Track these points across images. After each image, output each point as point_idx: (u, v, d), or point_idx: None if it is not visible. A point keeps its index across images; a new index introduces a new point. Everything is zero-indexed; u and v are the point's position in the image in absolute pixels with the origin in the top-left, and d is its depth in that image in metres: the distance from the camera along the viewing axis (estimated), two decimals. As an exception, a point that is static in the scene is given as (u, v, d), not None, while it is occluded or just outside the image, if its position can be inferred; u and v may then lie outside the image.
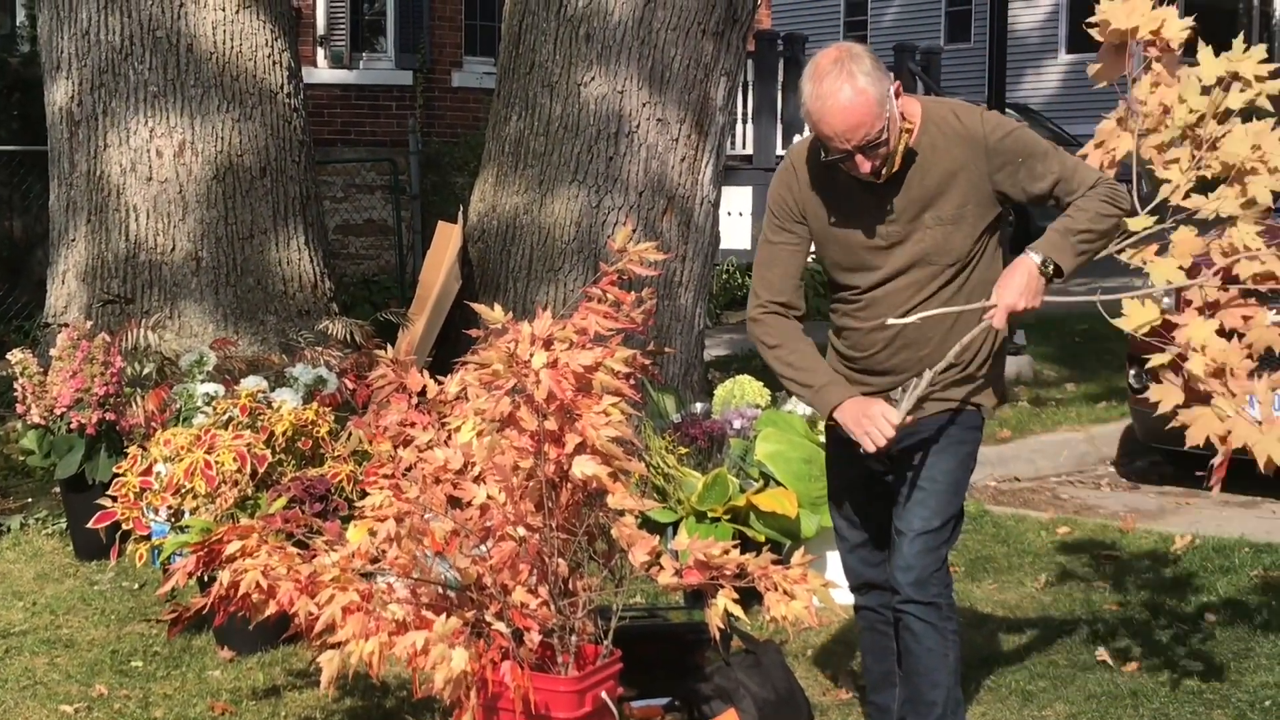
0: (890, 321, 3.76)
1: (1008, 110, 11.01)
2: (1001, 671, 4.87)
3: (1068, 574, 6.01)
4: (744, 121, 15.69)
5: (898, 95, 3.68)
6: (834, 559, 5.43)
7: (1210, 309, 3.95)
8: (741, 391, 6.39)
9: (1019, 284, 3.67)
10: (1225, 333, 3.96)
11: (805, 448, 5.71)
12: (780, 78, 15.33)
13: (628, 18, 7.19)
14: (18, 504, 6.95)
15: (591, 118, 7.23)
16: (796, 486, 5.56)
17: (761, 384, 6.49)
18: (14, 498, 7.05)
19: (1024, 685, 4.75)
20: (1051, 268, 3.68)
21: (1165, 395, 3.95)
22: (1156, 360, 3.99)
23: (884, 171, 3.71)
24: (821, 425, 5.90)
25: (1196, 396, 3.90)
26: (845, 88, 3.58)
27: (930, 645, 3.86)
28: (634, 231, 4.07)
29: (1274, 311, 4.10)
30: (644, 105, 7.23)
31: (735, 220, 14.89)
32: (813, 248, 3.97)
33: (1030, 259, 3.68)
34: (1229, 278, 3.99)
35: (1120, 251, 4.10)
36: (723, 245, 9.19)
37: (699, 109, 7.38)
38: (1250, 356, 3.87)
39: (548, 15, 7.33)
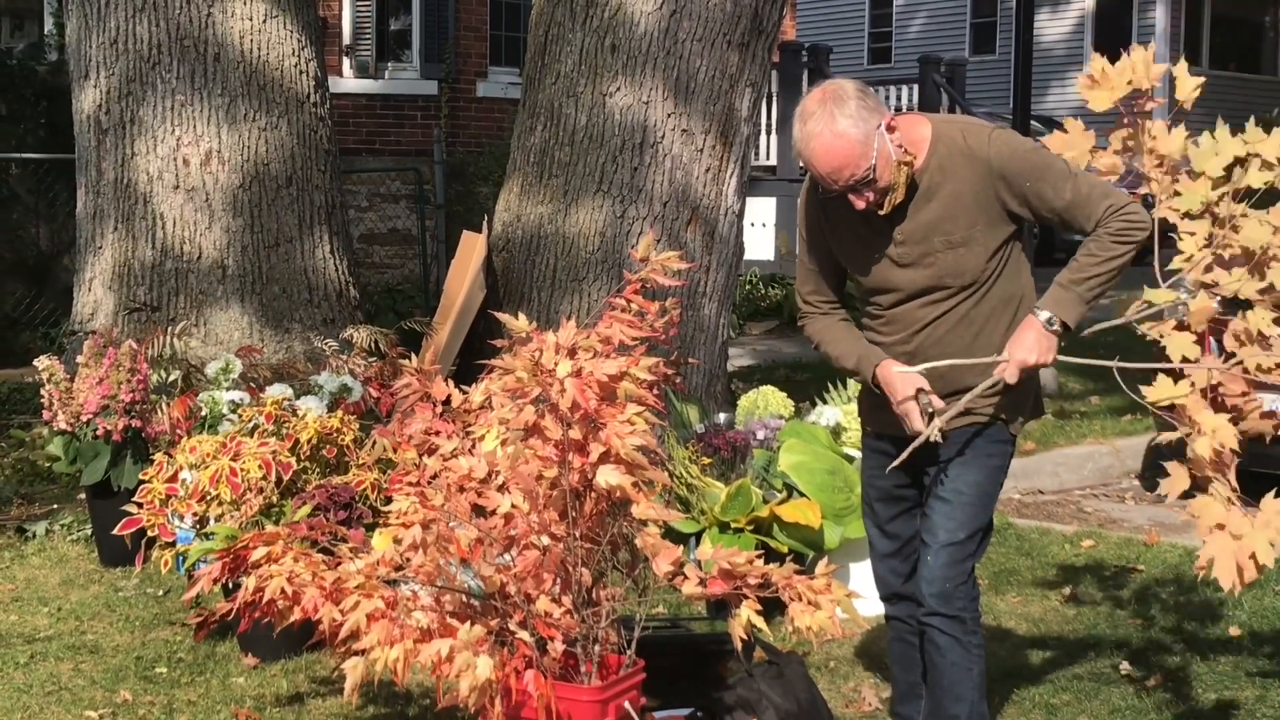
0: (922, 367, 3.78)
1: (1032, 123, 10.97)
2: (1025, 685, 4.86)
3: (1092, 587, 5.99)
4: (768, 133, 15.71)
5: (891, 130, 3.68)
6: (857, 570, 5.44)
7: (1213, 390, 3.87)
8: (765, 402, 6.39)
9: (1028, 342, 3.71)
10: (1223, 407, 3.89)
11: (829, 459, 5.70)
12: (804, 89, 15.32)
13: (653, 29, 7.20)
14: (44, 510, 6.98)
15: (616, 128, 7.24)
16: (820, 497, 5.55)
17: (785, 395, 6.49)
18: (40, 504, 7.09)
19: (1048, 699, 4.74)
20: (1058, 325, 3.70)
21: (1174, 482, 3.87)
22: (1166, 437, 3.93)
23: (886, 203, 3.72)
24: (845, 436, 5.92)
25: (1197, 483, 3.84)
26: (826, 131, 3.62)
27: (954, 659, 3.86)
28: (657, 241, 4.09)
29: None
30: (669, 116, 7.24)
31: (759, 231, 14.89)
32: None
33: (1037, 318, 3.71)
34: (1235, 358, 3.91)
35: (1140, 322, 4.04)
36: (746, 256, 9.19)
37: (724, 120, 7.38)
38: (1241, 441, 3.81)
39: (573, 26, 7.35)
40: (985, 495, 3.89)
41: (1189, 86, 4.10)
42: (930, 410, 3.75)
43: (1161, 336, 3.90)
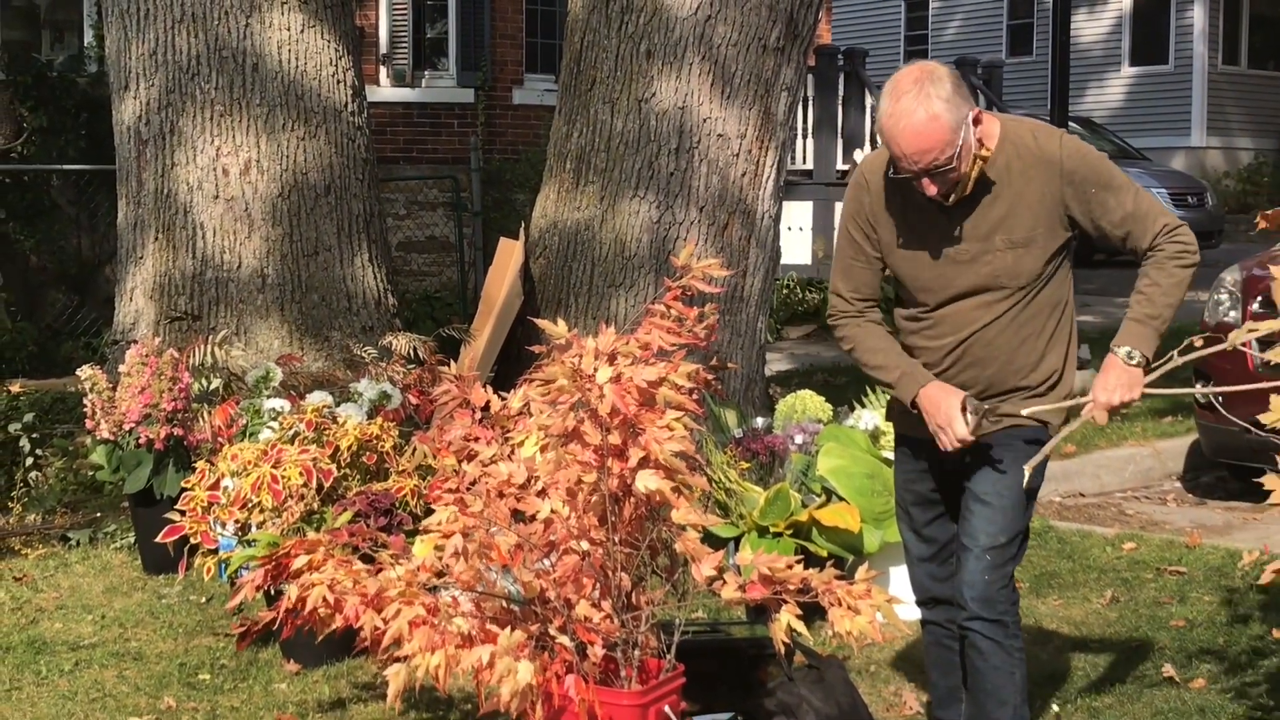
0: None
1: (1070, 123, 10.93)
2: (1067, 688, 4.84)
3: (1133, 590, 5.96)
4: (804, 136, 15.67)
5: (977, 122, 3.66)
6: (897, 574, 5.42)
7: None
8: (803, 406, 6.38)
9: (1111, 382, 3.72)
10: None
11: (868, 463, 5.69)
12: (841, 92, 15.30)
13: (689, 34, 7.21)
14: (87, 518, 7.03)
15: (653, 133, 7.25)
16: (859, 501, 5.54)
17: (823, 399, 6.48)
18: (83, 512, 7.14)
19: (1090, 702, 4.72)
20: (1139, 358, 3.71)
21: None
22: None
23: (953, 196, 3.71)
24: (884, 440, 5.90)
25: None
26: (920, 110, 3.57)
27: (997, 663, 3.84)
28: (696, 246, 4.09)
29: None
30: (705, 121, 7.25)
31: (796, 235, 14.86)
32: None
33: (1118, 355, 3.72)
34: None
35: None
36: (783, 260, 9.18)
37: (760, 124, 7.38)
38: None
39: (609, 32, 7.37)
40: (1024, 498, 3.87)
41: None
42: (979, 412, 3.75)
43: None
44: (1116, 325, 3.82)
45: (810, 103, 15.39)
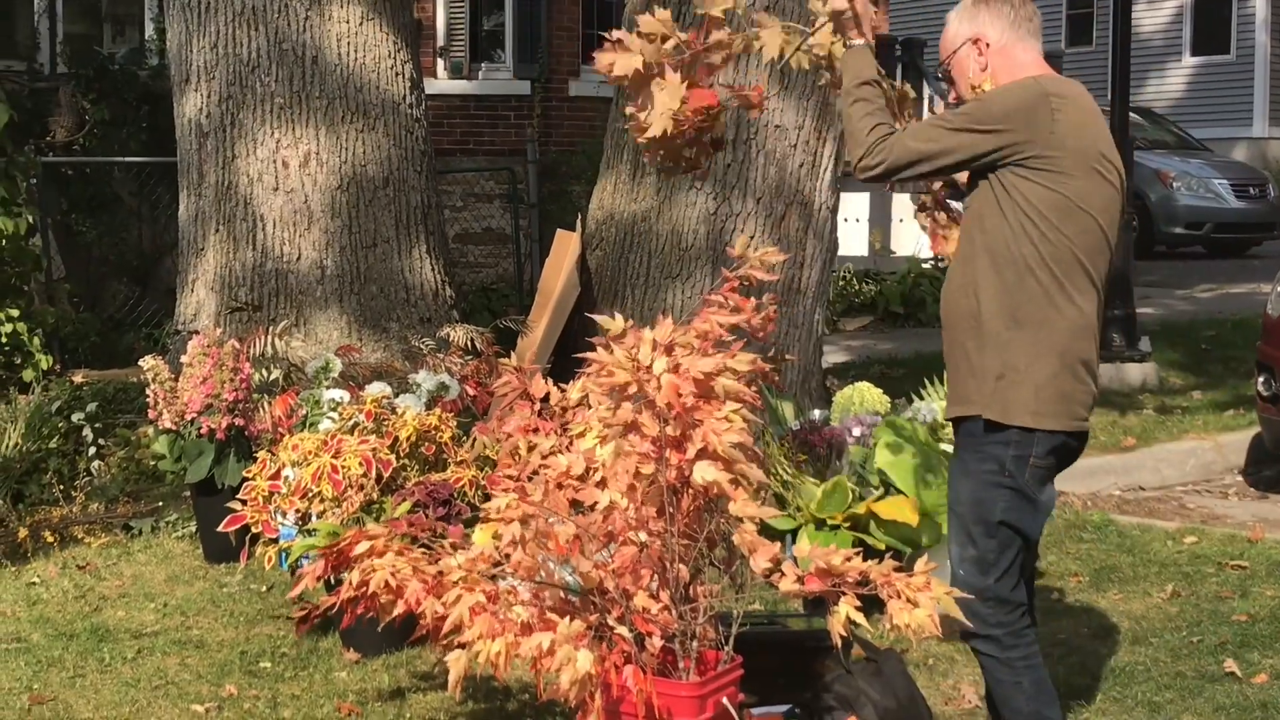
0: None
1: (1131, 114, 10.79)
2: (1128, 683, 4.81)
3: (1194, 584, 5.91)
4: (861, 127, 15.58)
5: (980, 51, 3.78)
6: (956, 567, 5.40)
7: None
8: (861, 398, 6.36)
9: None
10: None
11: (925, 455, 5.67)
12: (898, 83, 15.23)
13: (746, 24, 7.18)
14: (149, 508, 7.10)
15: (710, 125, 7.23)
16: (917, 494, 5.52)
17: (881, 391, 6.46)
18: (145, 501, 7.20)
19: (1151, 696, 4.69)
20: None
21: None
22: None
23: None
24: (942, 433, 5.88)
25: None
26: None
27: (999, 676, 3.78)
28: (752, 238, 4.09)
29: None
30: (763, 111, 7.22)
31: (852, 226, 14.81)
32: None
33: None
34: None
35: None
36: (840, 252, 9.14)
37: (818, 115, 7.35)
38: None
39: (666, 23, 7.35)
40: (980, 504, 3.70)
41: None
42: None
43: None
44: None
45: (868, 93, 15.31)
